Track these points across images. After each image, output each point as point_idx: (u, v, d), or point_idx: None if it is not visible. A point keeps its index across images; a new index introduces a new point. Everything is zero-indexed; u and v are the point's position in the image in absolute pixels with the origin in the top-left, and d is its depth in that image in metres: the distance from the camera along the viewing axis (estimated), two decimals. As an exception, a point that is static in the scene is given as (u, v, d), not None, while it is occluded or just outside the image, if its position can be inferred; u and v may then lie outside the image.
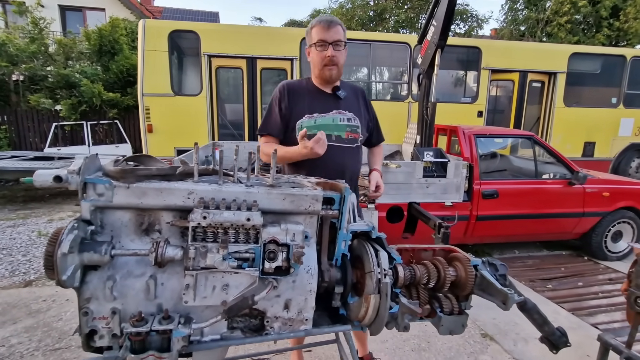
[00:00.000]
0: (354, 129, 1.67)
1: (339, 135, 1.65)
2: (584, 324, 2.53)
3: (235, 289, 1.04)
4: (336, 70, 1.62)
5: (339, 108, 1.67)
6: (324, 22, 1.56)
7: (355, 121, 1.68)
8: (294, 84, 1.72)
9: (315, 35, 1.58)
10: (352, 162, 1.69)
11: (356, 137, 1.68)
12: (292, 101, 1.67)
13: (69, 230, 0.90)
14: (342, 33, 1.59)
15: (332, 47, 1.56)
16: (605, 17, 11.89)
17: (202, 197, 1.01)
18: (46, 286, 3.04)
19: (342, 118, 1.66)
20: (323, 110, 1.65)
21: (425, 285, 1.33)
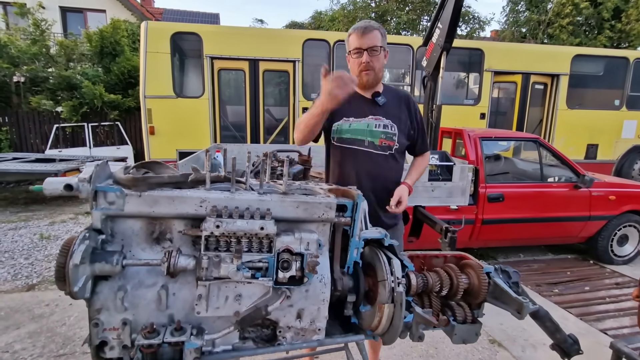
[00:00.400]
0: (390, 136, 1.64)
1: (372, 142, 1.63)
2: (592, 330, 2.51)
3: (248, 299, 1.02)
4: (373, 75, 1.60)
5: (376, 114, 1.64)
6: (359, 29, 1.56)
7: (392, 128, 1.64)
8: None
9: (351, 43, 1.59)
10: (385, 170, 1.66)
11: (391, 145, 1.64)
12: None
13: (80, 241, 0.88)
14: (379, 38, 1.57)
15: (367, 53, 1.55)
16: (607, 19, 11.89)
17: (215, 206, 0.99)
18: (49, 290, 3.02)
19: (378, 124, 1.64)
20: (359, 115, 1.64)
21: (438, 293, 1.30)
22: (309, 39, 5.70)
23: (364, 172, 1.63)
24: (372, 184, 1.64)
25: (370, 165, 1.63)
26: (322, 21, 12.72)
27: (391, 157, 1.66)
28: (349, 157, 1.64)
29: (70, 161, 6.20)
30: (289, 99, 5.87)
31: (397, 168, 1.71)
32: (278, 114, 6.13)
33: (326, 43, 5.76)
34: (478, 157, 3.29)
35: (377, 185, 1.65)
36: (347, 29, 10.58)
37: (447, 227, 2.51)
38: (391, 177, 1.70)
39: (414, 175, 1.76)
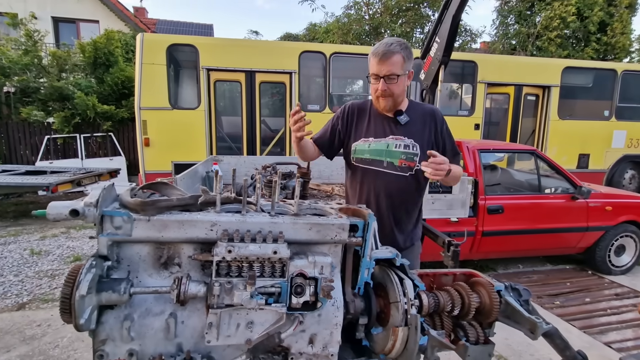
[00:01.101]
0: (410, 157, 1.56)
1: (392, 162, 1.57)
2: (596, 343, 2.50)
3: (261, 327, 0.99)
4: (391, 101, 1.55)
5: (397, 133, 1.59)
6: (378, 55, 1.47)
7: (414, 148, 1.57)
8: (359, 105, 1.68)
9: (370, 66, 1.53)
10: (404, 191, 1.59)
11: (411, 166, 1.57)
12: (352, 122, 1.66)
13: (87, 270, 0.84)
14: (399, 64, 1.48)
15: (383, 80, 1.49)
16: (593, 32, 12.25)
17: (226, 229, 0.96)
18: (40, 309, 2.91)
19: (398, 145, 1.57)
20: (379, 134, 1.60)
21: (449, 313, 1.28)
22: (305, 50, 5.74)
23: (382, 193, 1.58)
24: (391, 204, 1.59)
25: (388, 186, 1.58)
26: (317, 33, 12.86)
27: (412, 178, 1.58)
28: (367, 178, 1.60)
29: (62, 173, 6.08)
30: (286, 111, 5.87)
31: (418, 189, 1.64)
32: (274, 125, 6.13)
33: (322, 55, 5.80)
34: (477, 168, 3.31)
35: (395, 206, 1.60)
36: (342, 41, 10.64)
37: (450, 241, 2.49)
38: (411, 198, 1.63)
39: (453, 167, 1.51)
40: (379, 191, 1.59)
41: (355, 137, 1.63)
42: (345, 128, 1.66)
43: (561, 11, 11.85)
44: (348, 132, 1.66)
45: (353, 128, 1.65)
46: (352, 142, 1.64)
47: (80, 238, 4.78)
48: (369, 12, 12.10)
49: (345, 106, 1.68)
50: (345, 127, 1.66)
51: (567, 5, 11.83)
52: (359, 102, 1.70)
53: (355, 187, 1.65)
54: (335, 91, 6.03)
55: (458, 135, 4.48)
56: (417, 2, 11.56)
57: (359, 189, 1.63)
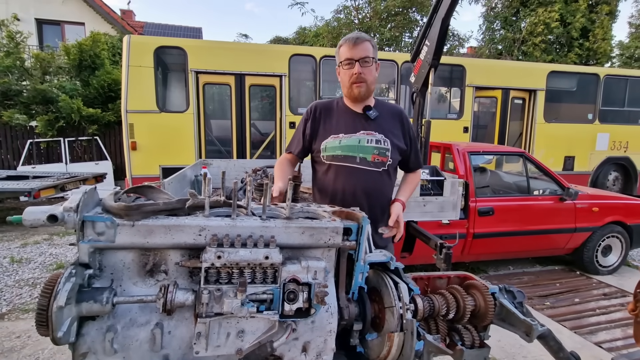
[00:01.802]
0: (382, 152, 1.57)
1: (365, 158, 1.56)
2: (587, 344, 2.52)
3: (252, 335, 0.95)
4: (365, 88, 1.54)
5: (368, 129, 1.57)
6: (351, 40, 1.50)
7: (385, 143, 1.57)
8: (324, 104, 1.66)
9: (342, 53, 1.53)
10: (379, 187, 1.59)
11: (384, 161, 1.57)
12: (319, 121, 1.63)
13: (65, 279, 0.79)
14: (370, 49, 1.51)
15: (358, 63, 1.49)
16: (576, 38, 12.61)
17: (215, 234, 0.92)
18: (20, 320, 2.79)
19: (370, 139, 1.56)
20: (349, 130, 1.57)
21: (444, 317, 1.26)
22: (295, 54, 5.73)
23: (358, 189, 1.55)
24: (367, 201, 1.56)
25: (363, 182, 1.56)
26: (307, 37, 12.90)
27: (385, 174, 1.59)
28: (341, 175, 1.56)
29: (45, 178, 5.90)
30: (276, 114, 5.84)
31: (390, 184, 1.65)
32: (264, 128, 6.08)
33: (312, 58, 5.80)
34: (467, 171, 3.33)
35: (372, 203, 1.57)
36: (332, 45, 10.70)
37: (442, 243, 2.49)
38: (385, 194, 1.63)
39: (407, 192, 1.68)
40: (355, 188, 1.55)
41: (325, 134, 1.60)
42: (312, 128, 1.62)
43: (545, 17, 12.17)
44: (315, 131, 1.62)
45: (321, 126, 1.62)
46: (320, 141, 1.60)
47: (63, 245, 4.64)
48: (359, 17, 12.19)
49: (311, 107, 1.66)
50: (312, 127, 1.62)
51: (551, 12, 12.16)
52: (324, 101, 1.68)
53: (329, 186, 1.60)
54: (326, 94, 6.03)
55: (447, 138, 4.54)
56: (405, 7, 11.70)
57: (332, 187, 1.58)
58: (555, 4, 12.32)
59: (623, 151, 7.26)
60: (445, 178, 3.13)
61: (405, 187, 1.70)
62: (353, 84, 1.53)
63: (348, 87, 1.56)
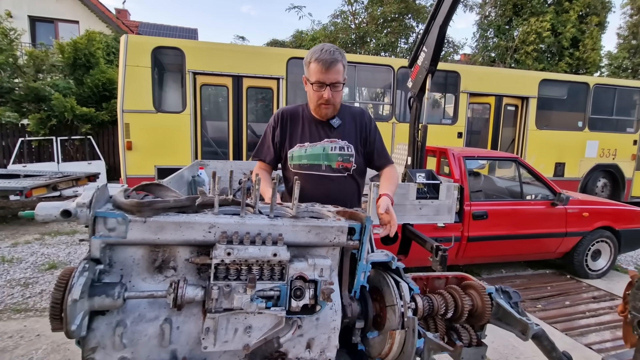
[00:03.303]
0: (346, 158, 1.62)
1: (330, 165, 1.61)
2: (578, 345, 2.57)
3: (259, 331, 0.96)
4: (332, 109, 1.59)
5: (331, 136, 1.62)
6: (324, 63, 1.47)
7: (348, 149, 1.63)
8: (290, 111, 1.69)
9: (313, 73, 1.51)
10: (345, 192, 1.64)
11: (348, 167, 1.63)
12: (286, 129, 1.66)
13: (79, 273, 0.80)
14: (341, 71, 1.52)
15: (329, 88, 1.51)
16: (566, 47, 12.91)
17: (225, 231, 0.94)
18: (12, 320, 2.75)
19: (334, 147, 1.62)
20: (314, 139, 1.63)
21: (443, 316, 1.29)
22: (293, 57, 5.76)
23: (324, 196, 1.56)
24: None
25: (329, 188, 1.61)
26: (304, 40, 12.98)
27: (350, 178, 1.65)
28: (307, 183, 1.60)
29: (36, 177, 5.82)
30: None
31: (356, 188, 1.70)
32: (261, 130, 6.07)
33: (310, 62, 5.83)
34: (462, 175, 3.39)
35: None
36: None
37: (438, 246, 2.52)
38: (352, 198, 1.68)
39: (388, 186, 1.63)
40: (321, 194, 1.57)
41: (291, 143, 1.65)
42: (280, 136, 1.66)
43: (537, 27, 12.44)
44: (283, 139, 1.66)
45: (287, 135, 1.66)
46: (287, 149, 1.65)
47: (55, 245, 4.57)
48: (355, 22, 12.31)
49: (277, 113, 1.69)
50: (280, 134, 1.66)
51: (542, 22, 12.44)
52: (290, 108, 1.70)
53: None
54: (322, 98, 6.06)
55: (441, 143, 4.61)
56: (402, 14, 11.86)
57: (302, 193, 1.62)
58: (546, 14, 12.62)
59: (611, 158, 7.43)
60: (440, 182, 3.18)
61: (384, 182, 1.68)
62: (321, 104, 1.56)
63: (316, 106, 1.59)
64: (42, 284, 3.40)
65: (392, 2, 11.45)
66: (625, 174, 7.52)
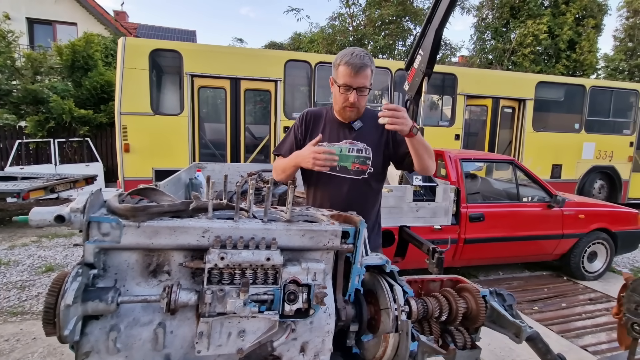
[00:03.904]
0: (363, 160, 1.62)
1: (345, 166, 1.62)
2: (574, 347, 2.58)
3: (253, 335, 0.97)
4: (356, 112, 1.60)
5: (350, 138, 1.63)
6: (353, 67, 1.48)
7: (366, 152, 1.62)
8: (315, 113, 1.72)
9: (341, 75, 1.53)
10: (358, 195, 1.64)
11: (364, 169, 1.62)
12: (309, 129, 1.69)
13: (72, 278, 0.80)
14: (369, 76, 1.53)
15: (355, 92, 1.52)
16: (563, 50, 13.00)
17: (219, 236, 0.95)
18: (8, 323, 2.74)
19: (352, 149, 1.62)
20: (333, 139, 1.64)
21: (437, 319, 1.29)
22: (290, 59, 5.78)
23: (337, 196, 1.61)
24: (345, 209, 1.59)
25: (342, 189, 1.61)
26: (302, 43, 13.02)
27: (364, 182, 1.63)
28: (322, 182, 1.63)
29: (34, 179, 5.81)
30: (270, 118, 5.87)
31: (372, 193, 1.68)
32: (259, 132, 6.11)
33: (307, 64, 5.86)
34: (459, 177, 3.40)
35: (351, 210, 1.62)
36: (326, 51, 10.79)
37: (435, 248, 2.54)
38: (366, 202, 1.66)
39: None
40: (334, 195, 1.61)
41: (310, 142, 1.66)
42: (303, 135, 1.69)
43: (534, 29, 12.51)
44: (304, 138, 1.69)
45: (308, 135, 1.68)
46: None
47: (52, 247, 4.56)
48: (353, 24, 12.36)
49: (303, 115, 1.71)
50: (303, 134, 1.69)
51: (539, 24, 12.51)
52: (315, 110, 1.73)
53: (311, 192, 1.68)
54: (320, 100, 6.09)
55: (439, 145, 4.63)
56: (399, 16, 11.91)
57: (313, 193, 1.66)
58: (543, 17, 12.70)
59: (608, 160, 7.47)
60: (437, 184, 3.19)
61: None
62: (346, 107, 1.57)
63: (340, 108, 1.60)
64: (39, 287, 3.40)
65: (389, 4, 11.52)
66: (622, 175, 7.55)
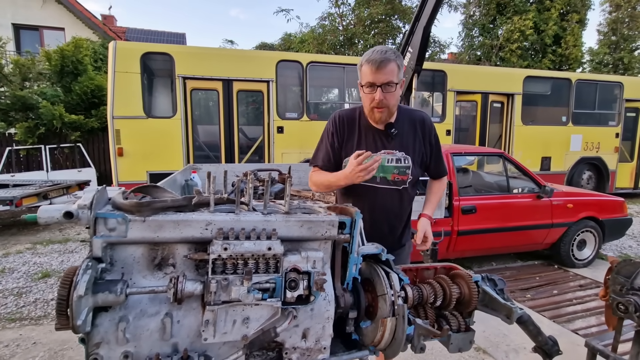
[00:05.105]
0: (402, 171, 1.56)
1: (385, 177, 1.57)
2: (565, 331, 2.67)
3: (256, 322, 1.01)
4: (386, 112, 1.50)
5: (389, 147, 1.56)
6: (374, 62, 1.40)
7: (405, 161, 1.56)
8: (347, 116, 1.61)
9: (364, 75, 1.46)
10: (397, 204, 1.61)
11: (404, 179, 1.57)
12: (344, 134, 1.61)
13: (83, 271, 0.84)
14: (395, 72, 1.43)
15: (380, 89, 1.42)
16: (549, 45, 13.24)
17: (221, 228, 0.99)
18: (7, 329, 2.74)
19: (390, 159, 1.56)
20: (370, 149, 1.55)
21: (432, 304, 1.35)
22: (282, 59, 5.82)
23: (376, 207, 1.58)
24: (386, 217, 1.59)
25: (382, 201, 1.57)
26: (292, 43, 13.06)
27: (404, 191, 1.59)
28: (360, 194, 1.58)
29: (26, 186, 5.76)
30: (263, 119, 5.90)
31: (409, 200, 1.67)
32: (252, 133, 6.13)
33: (299, 64, 5.90)
34: (451, 171, 3.47)
35: (390, 218, 1.61)
36: (317, 51, 10.82)
37: (429, 240, 2.60)
38: (404, 211, 1.66)
39: (432, 204, 1.67)
40: (374, 206, 1.57)
41: (347, 151, 1.59)
42: (339, 142, 1.61)
43: (520, 25, 12.72)
44: (341, 145, 1.61)
45: (344, 141, 1.61)
46: (344, 157, 1.60)
47: (47, 254, 4.54)
48: (343, 24, 12.43)
49: (334, 118, 1.62)
50: (339, 140, 1.61)
51: (525, 20, 12.72)
52: (346, 112, 1.63)
53: (348, 201, 1.60)
54: (312, 99, 6.14)
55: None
56: (388, 15, 12.01)
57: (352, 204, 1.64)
58: (529, 13, 12.91)
59: (595, 151, 7.64)
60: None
61: (431, 199, 1.70)
62: (374, 108, 1.48)
63: (369, 110, 1.52)
64: (36, 293, 3.39)
65: (378, 3, 11.61)
66: (609, 166, 7.74)
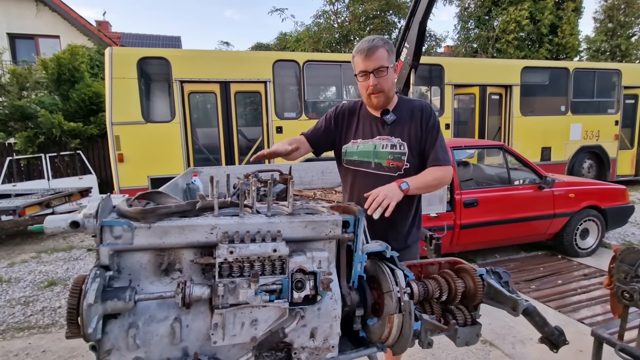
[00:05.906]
0: (397, 156, 1.55)
1: (379, 163, 1.57)
2: (571, 321, 2.68)
3: (265, 324, 1.02)
4: (383, 97, 1.52)
5: (385, 133, 1.57)
6: (363, 50, 1.46)
7: (401, 147, 1.55)
8: (350, 107, 1.68)
9: (356, 65, 1.52)
10: None
11: (399, 165, 1.55)
12: (343, 123, 1.67)
13: (92, 279, 0.85)
14: (385, 56, 1.46)
15: (373, 75, 1.47)
16: (545, 34, 13.18)
17: (226, 231, 1.00)
18: (16, 338, 2.75)
19: (385, 145, 1.57)
20: (367, 135, 1.60)
21: (438, 299, 1.35)
22: (278, 59, 5.81)
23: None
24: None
25: (377, 187, 1.52)
26: (288, 42, 13.04)
27: (400, 178, 1.52)
28: (357, 180, 1.61)
29: (28, 195, 5.77)
30: (262, 119, 5.90)
31: None
32: (251, 134, 6.14)
33: (296, 63, 5.89)
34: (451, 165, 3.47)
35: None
36: (313, 49, 10.81)
37: (432, 235, 2.60)
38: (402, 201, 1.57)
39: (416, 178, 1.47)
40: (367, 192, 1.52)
41: (346, 139, 1.65)
42: (336, 128, 1.67)
43: (516, 15, 12.67)
44: (339, 134, 1.67)
45: (344, 130, 1.66)
46: (342, 145, 1.66)
47: (52, 262, 4.56)
48: (338, 21, 12.40)
49: (337, 107, 1.70)
50: (336, 127, 1.67)
51: (521, 10, 12.67)
52: (349, 104, 1.69)
53: (347, 189, 1.68)
54: (310, 98, 6.14)
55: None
56: (383, 10, 11.97)
57: (349, 190, 1.67)
58: (524, 2, 12.86)
59: (595, 140, 7.63)
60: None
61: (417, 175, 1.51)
62: (371, 94, 1.52)
63: (366, 98, 1.55)
64: (43, 301, 3.40)
65: (372, -1, 11.58)
66: (610, 154, 7.72)
